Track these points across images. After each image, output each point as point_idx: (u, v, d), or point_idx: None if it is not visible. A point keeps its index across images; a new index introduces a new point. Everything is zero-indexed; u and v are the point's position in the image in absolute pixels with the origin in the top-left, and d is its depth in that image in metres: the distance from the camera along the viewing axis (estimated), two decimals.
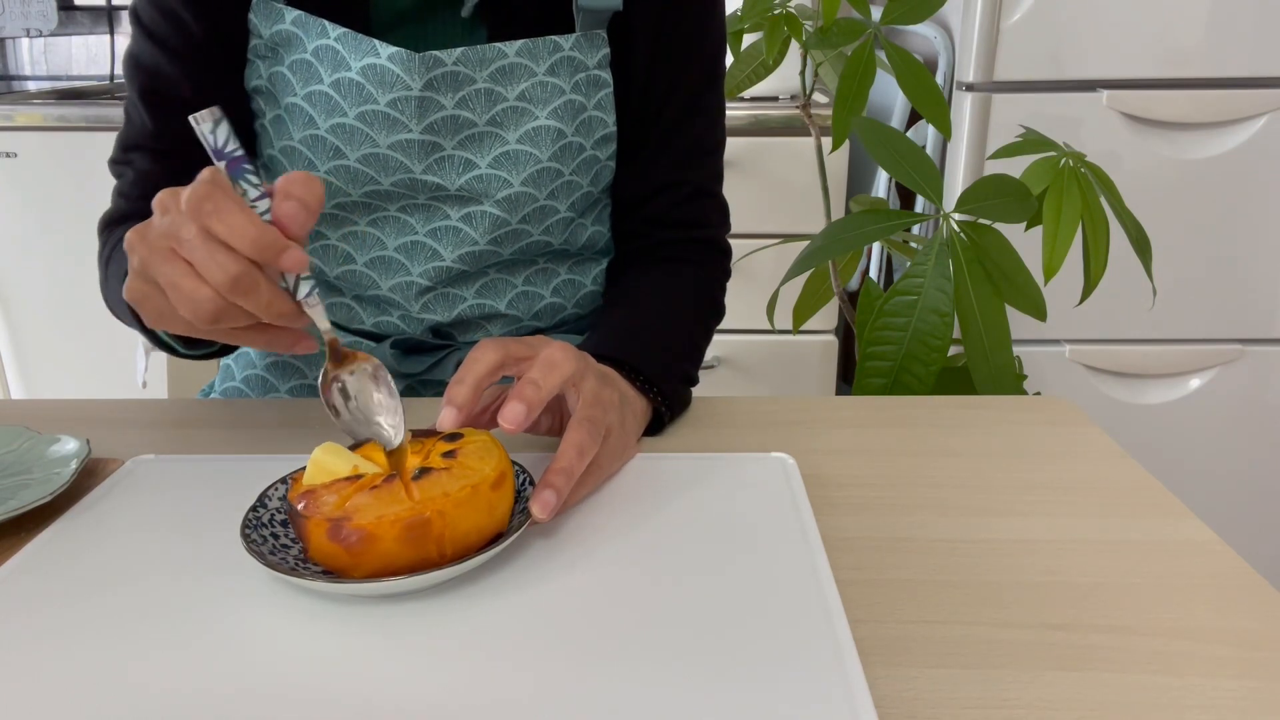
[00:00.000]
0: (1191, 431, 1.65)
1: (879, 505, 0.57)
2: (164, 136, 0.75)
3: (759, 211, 1.71)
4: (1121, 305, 1.57)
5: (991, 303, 0.92)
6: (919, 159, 0.95)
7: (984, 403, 0.72)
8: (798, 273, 0.98)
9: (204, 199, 0.48)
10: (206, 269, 0.48)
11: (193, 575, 0.50)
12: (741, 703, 0.39)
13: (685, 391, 0.70)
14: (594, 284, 0.86)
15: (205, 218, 0.48)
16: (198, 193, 0.48)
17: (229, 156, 0.51)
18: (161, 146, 0.76)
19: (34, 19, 2.17)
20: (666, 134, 0.80)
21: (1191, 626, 0.46)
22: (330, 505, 0.47)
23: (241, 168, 0.51)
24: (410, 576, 0.45)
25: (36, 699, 0.41)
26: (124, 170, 0.77)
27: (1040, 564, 0.51)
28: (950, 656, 0.44)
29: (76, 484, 0.59)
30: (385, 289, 0.79)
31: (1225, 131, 1.51)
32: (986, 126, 1.52)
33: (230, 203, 0.48)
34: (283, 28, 0.71)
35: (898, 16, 1.07)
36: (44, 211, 1.82)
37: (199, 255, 0.48)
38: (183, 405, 0.74)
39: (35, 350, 1.94)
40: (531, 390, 0.53)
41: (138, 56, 0.74)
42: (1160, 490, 0.59)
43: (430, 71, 0.70)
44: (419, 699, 0.40)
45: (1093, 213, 0.95)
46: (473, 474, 0.48)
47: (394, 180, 0.74)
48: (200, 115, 0.50)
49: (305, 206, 0.50)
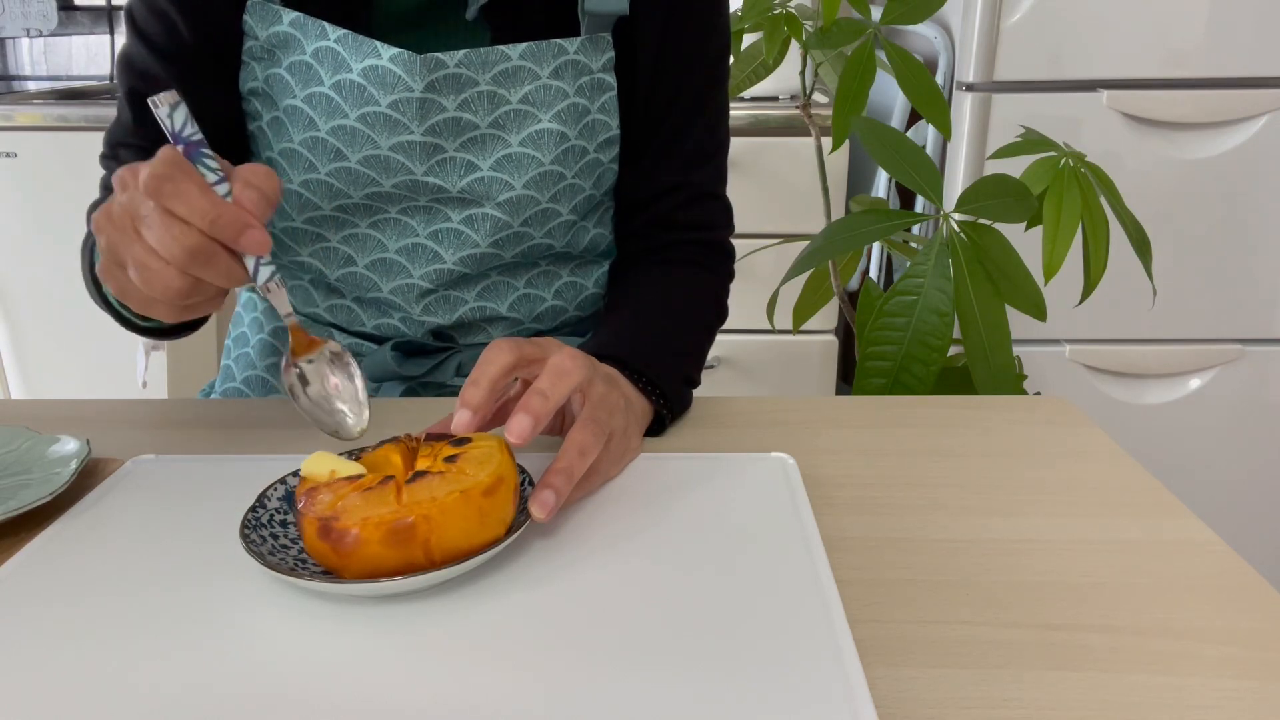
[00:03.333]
0: (1191, 431, 1.65)
1: (879, 505, 0.57)
2: (151, 136, 0.75)
3: (759, 211, 1.71)
4: (1121, 305, 1.57)
5: (991, 303, 0.92)
6: (919, 159, 0.95)
7: (984, 403, 0.72)
8: (798, 273, 0.98)
9: (164, 179, 0.48)
10: (164, 244, 0.48)
11: (192, 575, 0.50)
12: (741, 702, 0.39)
13: (687, 393, 0.70)
14: (596, 286, 0.86)
15: (165, 198, 0.48)
16: (157, 172, 0.48)
17: (187, 140, 0.51)
18: (148, 145, 0.76)
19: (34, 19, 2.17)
20: (670, 136, 0.80)
21: (1191, 626, 0.46)
22: (324, 504, 0.47)
23: (200, 151, 0.51)
24: (408, 578, 0.45)
25: (36, 699, 0.41)
26: (111, 165, 0.78)
27: (1040, 564, 0.51)
28: (950, 656, 0.44)
29: (76, 484, 0.59)
30: (386, 291, 0.79)
31: (1225, 131, 1.51)
32: (986, 126, 1.52)
33: (189, 183, 0.48)
34: (280, 29, 0.71)
35: (898, 16, 1.07)
36: (44, 211, 1.82)
37: (157, 232, 0.48)
38: (183, 405, 0.74)
39: (35, 350, 1.94)
40: (539, 401, 0.53)
41: (130, 56, 0.74)
42: (1160, 490, 0.59)
43: (432, 73, 0.70)
44: (419, 699, 0.40)
45: (1093, 213, 0.95)
46: (465, 479, 0.47)
47: (395, 182, 0.74)
48: (159, 98, 0.51)
49: (265, 196, 0.51)
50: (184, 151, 0.50)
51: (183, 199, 0.48)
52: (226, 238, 0.49)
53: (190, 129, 0.51)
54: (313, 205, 0.75)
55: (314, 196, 0.75)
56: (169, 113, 0.51)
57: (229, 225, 0.49)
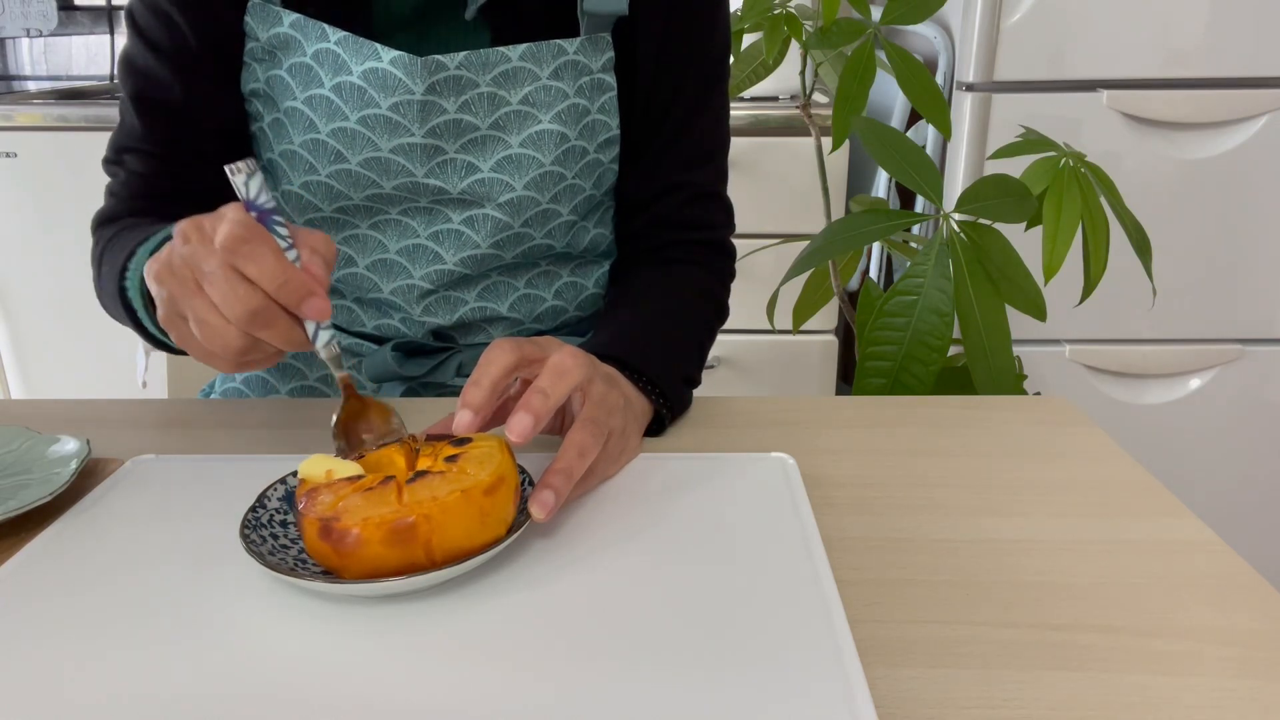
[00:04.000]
0: (1191, 431, 1.65)
1: (879, 505, 0.57)
2: (155, 139, 0.75)
3: (759, 211, 1.71)
4: (1121, 305, 1.57)
5: (991, 303, 0.92)
6: (919, 159, 0.95)
7: (984, 403, 0.72)
8: (798, 273, 0.98)
9: (242, 241, 0.49)
10: (228, 303, 0.50)
11: (192, 575, 0.50)
12: (741, 702, 0.40)
13: (686, 393, 0.70)
14: (596, 287, 0.86)
15: (240, 259, 0.49)
16: (236, 234, 0.50)
17: (261, 208, 0.52)
18: (153, 149, 0.76)
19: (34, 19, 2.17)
20: (671, 136, 0.80)
21: (1191, 626, 0.46)
22: (324, 505, 0.47)
23: (273, 219, 0.52)
24: (408, 578, 0.45)
25: (36, 698, 0.41)
26: (116, 170, 0.78)
27: (1040, 564, 0.51)
28: (950, 656, 0.44)
29: (76, 484, 0.59)
30: (386, 292, 0.79)
31: (1225, 131, 1.51)
32: (986, 126, 1.52)
33: (265, 247, 0.50)
34: (280, 31, 0.71)
35: (898, 16, 1.07)
36: (44, 211, 1.82)
37: (221, 290, 0.50)
38: (183, 405, 0.74)
39: (35, 350, 1.94)
40: (539, 400, 0.53)
41: (132, 59, 0.74)
42: (1160, 490, 0.59)
43: (432, 75, 0.70)
44: (419, 699, 0.40)
45: (1093, 213, 0.95)
46: (467, 479, 0.48)
47: (395, 184, 0.74)
48: (236, 166, 0.52)
49: (327, 263, 0.53)
50: (257, 218, 0.52)
51: (256, 262, 0.49)
52: (291, 303, 0.51)
53: (264, 197, 0.52)
54: (313, 207, 0.75)
55: (314, 198, 0.75)
56: (245, 180, 0.52)
57: (295, 291, 0.50)
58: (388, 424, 0.58)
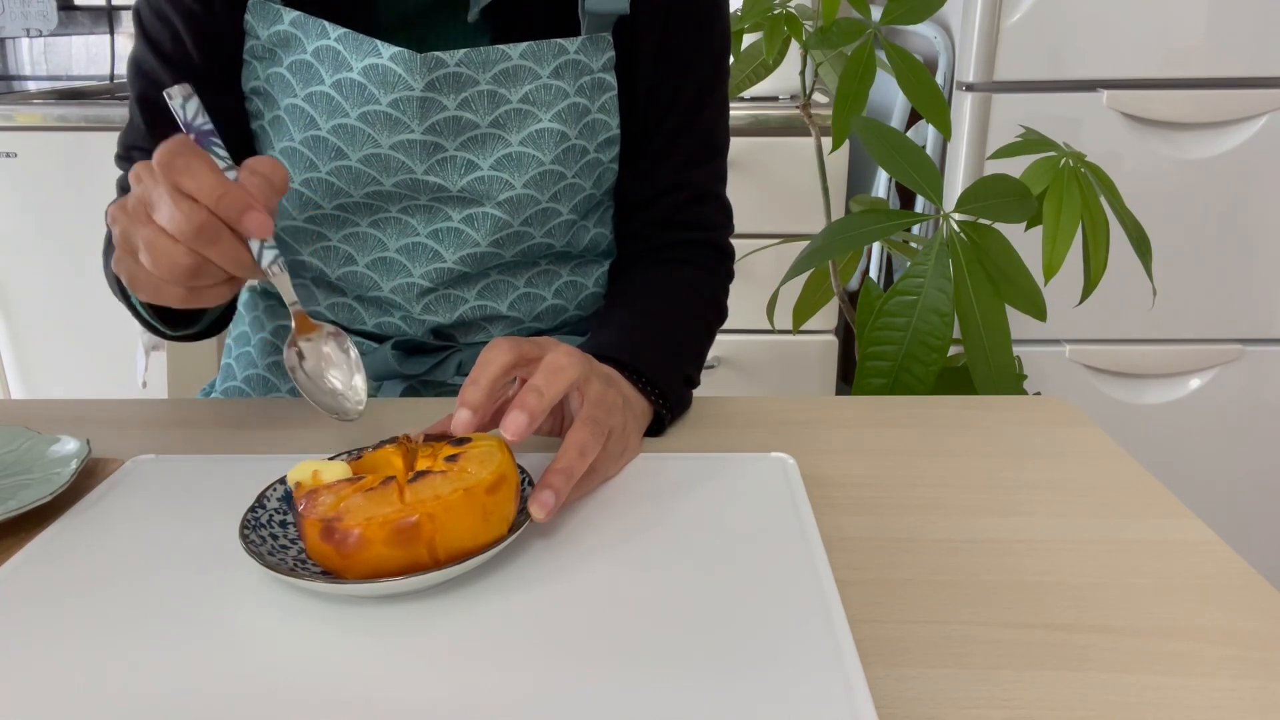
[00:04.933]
0: (1191, 431, 1.65)
1: (879, 505, 0.57)
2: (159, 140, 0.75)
3: (759, 211, 1.71)
4: (1121, 305, 1.57)
5: (991, 303, 0.92)
6: (919, 159, 0.95)
7: (984, 403, 0.72)
8: (798, 273, 0.98)
9: (175, 155, 0.52)
10: (173, 221, 0.51)
11: (192, 575, 0.50)
12: (741, 703, 0.40)
13: (686, 393, 0.70)
14: (596, 286, 0.86)
15: (175, 173, 0.51)
16: (169, 149, 0.52)
17: (198, 130, 0.55)
18: None
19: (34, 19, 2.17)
20: (670, 136, 0.80)
21: (1191, 626, 0.46)
22: (325, 505, 0.47)
23: (210, 140, 0.55)
24: (408, 578, 0.45)
25: (36, 698, 0.41)
26: (126, 166, 0.78)
27: (1040, 564, 0.51)
28: (950, 656, 0.44)
29: (76, 484, 0.59)
30: (386, 290, 0.79)
31: (1225, 131, 1.51)
32: (986, 126, 1.52)
33: (199, 161, 0.52)
34: (281, 28, 0.71)
35: (898, 16, 1.07)
36: (44, 211, 1.82)
37: (166, 210, 0.51)
38: (183, 405, 0.74)
39: (35, 350, 1.94)
40: (534, 398, 0.53)
41: (139, 61, 0.75)
42: (1160, 490, 0.59)
43: (432, 72, 0.70)
44: (419, 700, 0.40)
45: (1093, 213, 0.95)
46: (468, 477, 0.47)
47: (395, 181, 0.74)
48: (173, 90, 0.55)
49: (269, 183, 0.54)
50: (195, 139, 0.54)
51: (191, 175, 0.51)
52: (230, 216, 0.52)
53: (202, 119, 0.55)
54: (313, 204, 0.75)
55: (315, 195, 0.75)
56: (182, 103, 0.55)
57: (233, 204, 0.52)
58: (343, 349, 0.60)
